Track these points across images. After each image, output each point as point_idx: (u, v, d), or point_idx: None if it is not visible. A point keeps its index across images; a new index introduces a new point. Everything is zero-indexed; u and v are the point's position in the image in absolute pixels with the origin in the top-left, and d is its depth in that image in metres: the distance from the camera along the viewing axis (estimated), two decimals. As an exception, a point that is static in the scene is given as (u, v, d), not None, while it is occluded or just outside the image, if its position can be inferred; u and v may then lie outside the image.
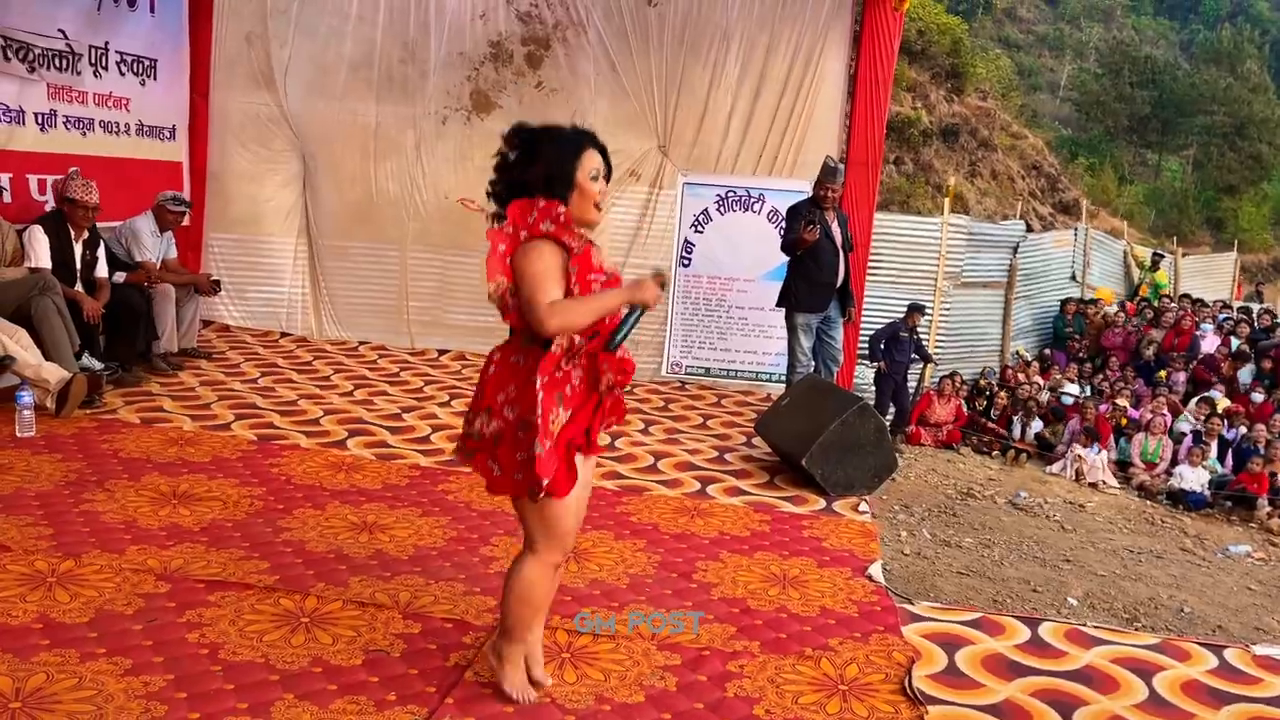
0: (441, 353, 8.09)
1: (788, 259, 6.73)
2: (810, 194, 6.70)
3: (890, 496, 7.16)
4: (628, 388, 2.88)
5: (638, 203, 7.93)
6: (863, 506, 5.33)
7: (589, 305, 2.65)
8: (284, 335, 8.18)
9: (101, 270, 6.18)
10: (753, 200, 7.72)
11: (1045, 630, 3.88)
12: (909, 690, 3.29)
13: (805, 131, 7.66)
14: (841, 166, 6.78)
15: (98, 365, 5.88)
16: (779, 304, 6.83)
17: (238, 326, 8.21)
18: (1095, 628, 4.06)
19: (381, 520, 4.44)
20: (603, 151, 2.78)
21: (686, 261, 7.82)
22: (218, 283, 7.28)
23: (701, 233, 7.81)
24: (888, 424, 7.00)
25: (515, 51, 7.93)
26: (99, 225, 6.31)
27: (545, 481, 2.67)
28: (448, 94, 8.04)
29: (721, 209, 7.77)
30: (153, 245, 6.78)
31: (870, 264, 8.48)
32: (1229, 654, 3.80)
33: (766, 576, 4.20)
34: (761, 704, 3.14)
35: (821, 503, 5.30)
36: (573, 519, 2.89)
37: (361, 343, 8.17)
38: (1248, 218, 38.44)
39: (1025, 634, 3.83)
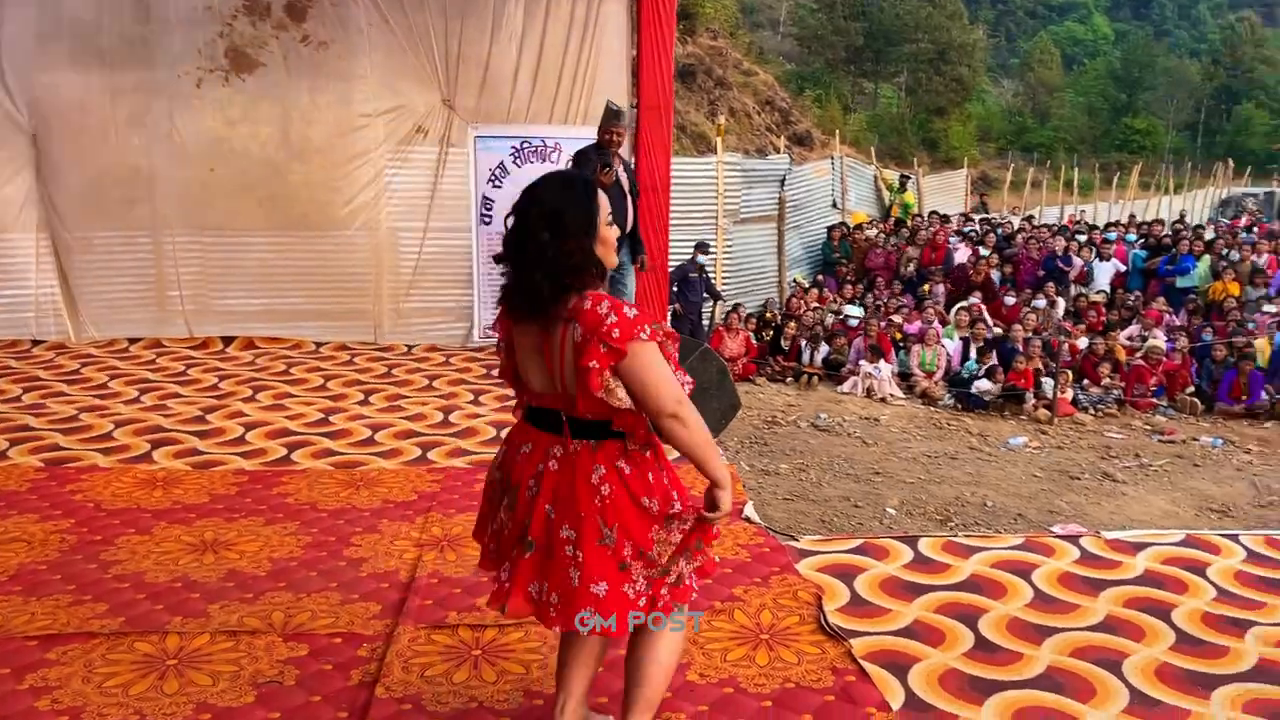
0: (227, 342, 7.40)
1: None
2: (595, 139, 6.48)
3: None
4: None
5: (427, 162, 7.50)
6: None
7: (704, 442, 2.33)
8: (36, 343, 7.18)
9: None
10: (549, 150, 7.49)
11: (924, 546, 4.03)
12: (827, 627, 3.31)
13: (594, 77, 7.49)
14: (624, 109, 6.61)
15: None
16: None
17: (-24, 339, 7.16)
18: (966, 536, 4.26)
19: (222, 536, 4.00)
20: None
21: (487, 219, 7.51)
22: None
23: (500, 187, 7.51)
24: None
25: (273, 3, 7.23)
26: None
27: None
28: (199, 53, 7.23)
29: (518, 161, 7.49)
30: None
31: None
32: (1085, 542, 4.10)
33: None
34: (693, 668, 3.06)
35: (673, 453, 5.25)
36: None
37: (132, 341, 7.33)
38: (957, 136, 41.95)
39: (908, 553, 3.96)
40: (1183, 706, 2.91)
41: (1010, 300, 12.22)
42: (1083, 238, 14.19)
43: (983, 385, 10.01)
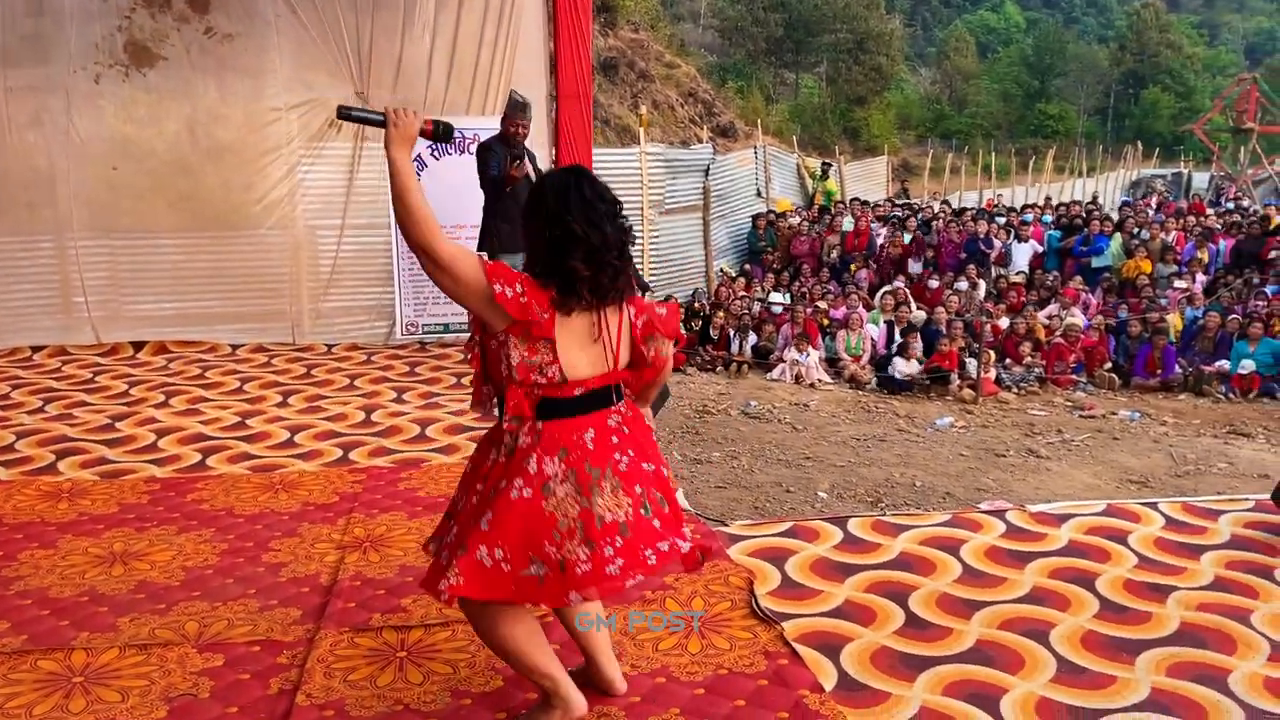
0: (138, 347, 7.14)
1: (484, 202, 6.33)
2: (499, 131, 6.31)
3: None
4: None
5: (342, 159, 7.34)
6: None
7: None
8: (-70, 354, 6.88)
9: None
10: (468, 141, 7.33)
11: (854, 526, 4.03)
12: (759, 611, 3.28)
13: (512, 67, 7.36)
14: (530, 101, 6.43)
15: None
16: (480, 247, 6.38)
17: None
18: (895, 515, 4.28)
19: (132, 547, 3.83)
20: None
21: (406, 214, 7.34)
22: None
23: (418, 181, 7.34)
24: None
25: (173, -5, 7.00)
26: None
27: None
28: (96, 48, 6.96)
29: (436, 154, 7.34)
30: None
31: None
32: (1011, 516, 4.14)
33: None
34: (625, 660, 3.00)
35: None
36: None
37: (36, 349, 7.04)
38: (877, 124, 42.58)
39: (838, 534, 3.95)
40: (1108, 673, 2.94)
41: (933, 284, 12.40)
42: (1001, 220, 14.46)
43: (900, 365, 10.12)
